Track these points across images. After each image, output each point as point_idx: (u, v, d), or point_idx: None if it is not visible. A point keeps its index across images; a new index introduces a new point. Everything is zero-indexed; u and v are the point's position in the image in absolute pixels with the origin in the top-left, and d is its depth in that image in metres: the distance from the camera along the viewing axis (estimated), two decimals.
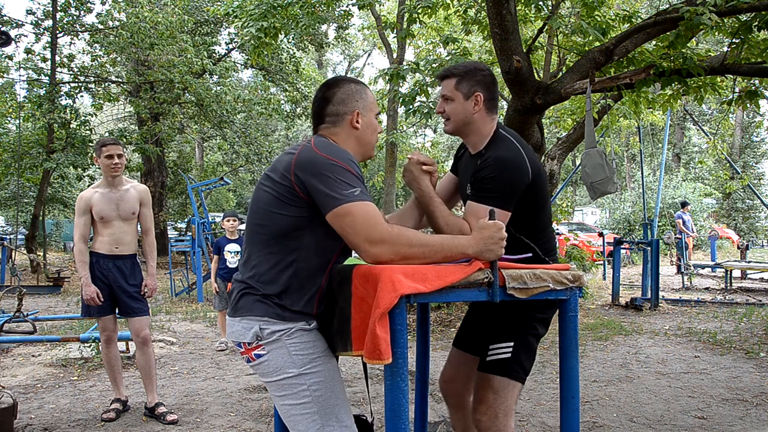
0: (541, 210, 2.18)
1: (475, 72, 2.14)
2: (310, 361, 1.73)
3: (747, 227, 25.63)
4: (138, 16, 12.45)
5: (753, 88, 5.22)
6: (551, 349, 5.76)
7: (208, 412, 3.98)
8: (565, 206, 12.30)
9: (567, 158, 8.86)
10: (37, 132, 13.03)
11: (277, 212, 1.75)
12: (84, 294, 3.72)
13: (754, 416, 3.89)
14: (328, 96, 1.93)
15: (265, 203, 1.79)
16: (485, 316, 2.30)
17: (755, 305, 8.40)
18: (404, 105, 6.21)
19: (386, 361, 1.53)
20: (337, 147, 1.81)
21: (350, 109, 1.91)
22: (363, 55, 34.87)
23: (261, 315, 1.73)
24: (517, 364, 2.11)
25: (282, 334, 1.72)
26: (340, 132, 1.90)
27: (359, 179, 1.74)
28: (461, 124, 2.17)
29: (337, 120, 1.91)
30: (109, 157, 3.75)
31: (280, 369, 1.73)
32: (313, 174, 1.70)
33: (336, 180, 1.69)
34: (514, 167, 2.03)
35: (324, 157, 1.72)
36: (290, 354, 1.72)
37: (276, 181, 1.77)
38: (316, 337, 1.78)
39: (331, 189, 1.68)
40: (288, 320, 1.73)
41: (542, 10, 5.87)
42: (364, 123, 1.93)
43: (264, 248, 1.78)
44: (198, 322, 7.52)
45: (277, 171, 1.79)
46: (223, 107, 14.65)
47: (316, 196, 1.70)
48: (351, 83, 1.96)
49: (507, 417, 2.08)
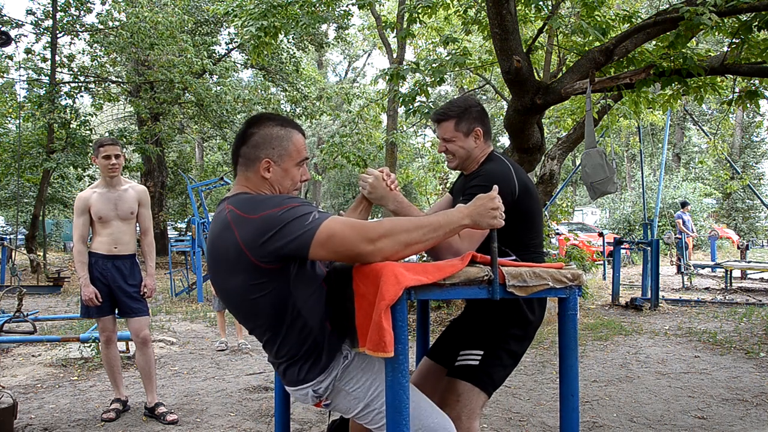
0: (527, 229, 2.21)
1: (470, 110, 2.26)
2: (367, 389, 1.76)
3: (747, 227, 25.63)
4: (138, 16, 12.46)
5: (753, 88, 5.22)
6: (551, 349, 5.76)
7: (208, 412, 3.98)
8: (565, 206, 12.30)
9: (567, 158, 8.86)
10: (37, 132, 13.04)
11: (254, 298, 1.70)
12: (83, 295, 3.71)
13: (754, 416, 3.89)
14: (246, 135, 1.81)
15: (239, 296, 1.73)
16: (462, 329, 2.33)
17: (755, 305, 8.40)
18: (404, 105, 6.21)
19: (389, 355, 1.54)
20: (260, 198, 1.72)
21: (262, 155, 1.78)
22: (363, 55, 34.90)
23: (308, 380, 1.77)
24: (484, 373, 2.11)
25: (332, 383, 1.76)
26: (252, 177, 1.80)
27: (307, 204, 1.67)
28: (465, 160, 2.29)
29: (248, 164, 1.80)
30: (107, 158, 3.75)
31: (349, 408, 1.79)
32: (271, 238, 1.61)
33: (294, 220, 1.61)
34: (501, 177, 2.12)
35: (265, 216, 1.63)
36: (349, 393, 1.76)
37: (234, 269, 1.68)
38: (360, 362, 1.77)
39: (296, 232, 1.60)
40: (329, 368, 1.76)
41: (542, 10, 5.87)
42: (277, 172, 1.79)
43: (273, 337, 1.77)
44: (198, 322, 7.52)
45: (227, 258, 1.68)
46: (223, 107, 14.66)
47: (288, 251, 1.62)
48: (274, 126, 1.81)
49: (470, 420, 2.07)
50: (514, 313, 2.15)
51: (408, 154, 15.65)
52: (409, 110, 6.18)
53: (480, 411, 2.11)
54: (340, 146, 9.08)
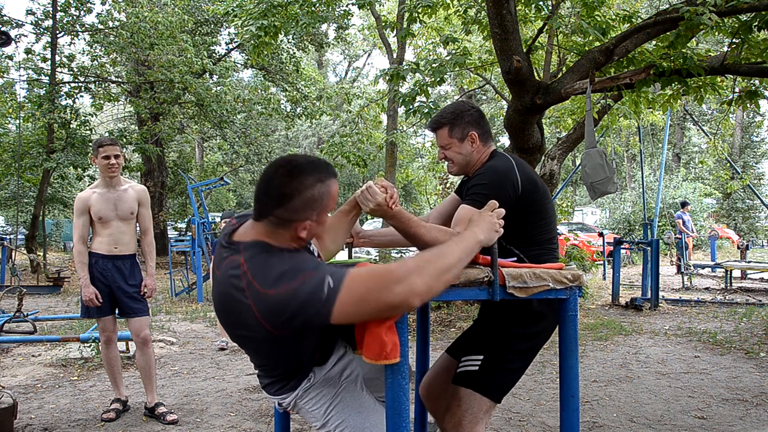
0: (534, 224, 2.16)
1: (463, 114, 2.24)
2: (324, 411, 1.85)
3: (747, 227, 25.63)
4: (138, 16, 12.45)
5: (753, 88, 5.22)
6: (551, 349, 5.76)
7: (208, 412, 3.98)
8: (565, 206, 12.31)
9: (567, 158, 8.87)
10: (37, 132, 13.03)
11: (268, 347, 1.74)
12: (83, 295, 3.71)
13: (754, 416, 3.89)
14: (282, 197, 1.57)
15: (252, 342, 1.74)
16: (471, 331, 2.34)
17: (755, 305, 8.40)
18: (404, 105, 6.22)
19: (394, 362, 1.55)
20: (276, 263, 1.55)
21: (302, 218, 1.59)
22: (363, 55, 34.91)
23: (274, 394, 1.89)
24: (485, 378, 2.09)
25: (294, 400, 1.87)
26: (282, 234, 1.62)
27: (320, 267, 1.53)
28: (465, 164, 2.28)
29: (282, 224, 1.60)
30: (107, 158, 3.74)
31: (310, 422, 1.90)
32: (287, 319, 1.51)
33: (308, 299, 1.47)
34: (503, 172, 2.11)
35: (278, 295, 1.49)
36: (309, 411, 1.87)
37: (251, 329, 1.61)
38: (321, 386, 1.86)
39: (311, 308, 1.47)
40: (295, 389, 1.86)
41: (542, 10, 5.88)
42: (312, 228, 1.63)
43: (261, 362, 1.87)
44: (198, 322, 7.52)
45: (241, 321, 1.61)
46: (223, 107, 14.65)
47: (307, 324, 1.53)
48: (315, 183, 1.59)
49: (472, 425, 2.07)
50: (517, 311, 2.10)
51: (408, 154, 15.67)
52: (409, 110, 6.19)
53: (485, 416, 2.09)
54: (340, 146, 9.09)
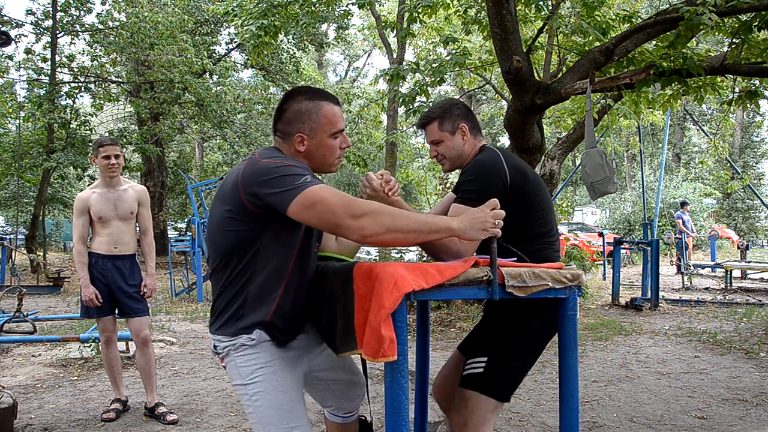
0: (528, 217, 2.11)
1: (451, 109, 2.25)
2: (252, 372, 1.81)
3: (747, 227, 25.63)
4: (138, 16, 12.45)
5: (753, 88, 5.23)
6: (551, 349, 5.73)
7: (208, 412, 3.98)
8: (565, 206, 12.31)
9: (567, 158, 8.87)
10: (37, 132, 13.03)
11: (228, 229, 1.77)
12: (83, 295, 3.71)
13: (754, 416, 3.89)
14: (279, 112, 1.89)
15: (217, 222, 1.81)
16: (476, 331, 2.35)
17: (755, 305, 8.40)
18: (404, 105, 6.22)
19: (392, 359, 1.54)
20: (280, 153, 1.82)
21: (294, 131, 1.85)
22: (363, 55, 34.88)
23: (215, 333, 1.86)
24: (490, 380, 2.08)
25: (229, 349, 1.82)
26: (287, 148, 1.88)
27: (308, 171, 1.74)
28: (457, 159, 2.27)
29: (284, 137, 1.88)
30: (107, 158, 3.73)
31: (233, 378, 1.86)
32: (261, 182, 1.69)
33: (284, 176, 1.67)
34: (490, 164, 2.09)
35: (266, 163, 1.72)
36: (237, 366, 1.83)
37: (226, 199, 1.78)
38: (262, 349, 1.82)
39: (282, 186, 1.66)
40: (236, 335, 1.81)
41: (542, 10, 5.88)
42: (313, 145, 1.86)
43: (220, 272, 1.83)
44: (198, 322, 7.52)
45: (226, 189, 1.79)
46: (223, 107, 14.65)
47: (270, 201, 1.68)
48: (304, 100, 1.86)
49: (478, 427, 2.06)
50: (519, 305, 2.07)
51: (408, 154, 15.67)
52: (409, 110, 6.19)
53: (492, 416, 2.08)
54: None
